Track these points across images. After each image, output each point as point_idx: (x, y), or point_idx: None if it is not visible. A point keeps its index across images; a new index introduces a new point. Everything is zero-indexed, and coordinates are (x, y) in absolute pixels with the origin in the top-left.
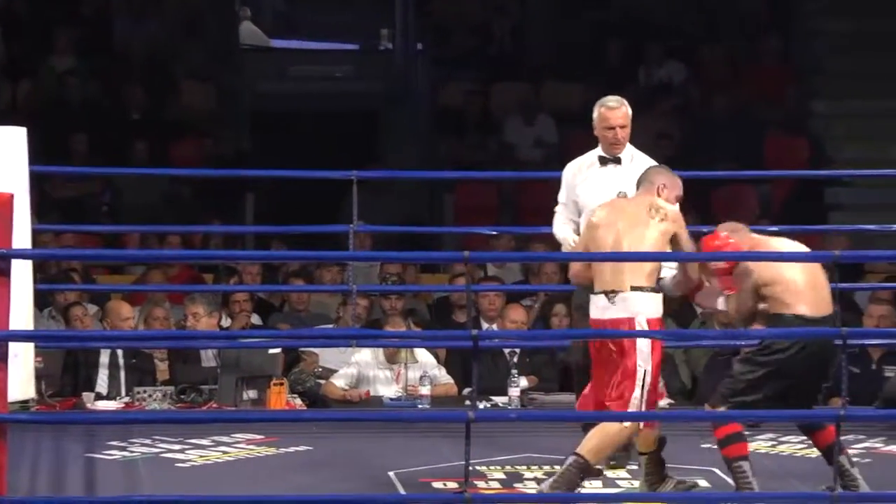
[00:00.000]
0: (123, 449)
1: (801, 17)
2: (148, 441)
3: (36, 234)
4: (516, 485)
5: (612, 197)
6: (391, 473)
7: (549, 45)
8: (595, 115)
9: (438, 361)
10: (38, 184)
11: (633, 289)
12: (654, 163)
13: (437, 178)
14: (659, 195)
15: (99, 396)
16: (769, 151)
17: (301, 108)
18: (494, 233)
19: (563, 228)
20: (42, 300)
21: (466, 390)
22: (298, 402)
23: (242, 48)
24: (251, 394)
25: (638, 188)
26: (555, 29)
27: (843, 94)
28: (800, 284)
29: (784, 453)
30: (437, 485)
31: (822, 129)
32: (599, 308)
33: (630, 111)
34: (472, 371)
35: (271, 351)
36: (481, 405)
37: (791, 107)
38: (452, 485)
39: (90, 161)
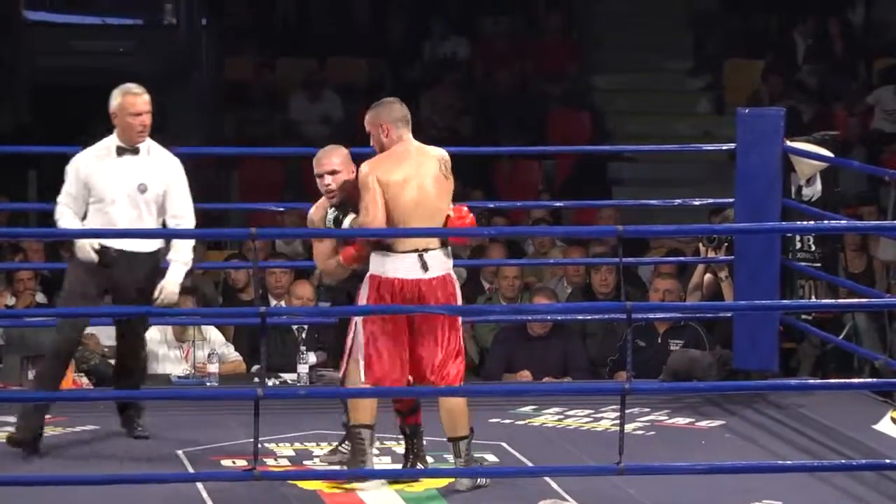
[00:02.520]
0: None
1: None
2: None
3: None
4: (305, 462)
5: (131, 188)
6: (180, 452)
7: (333, 19)
8: (117, 102)
9: (227, 339)
10: None
11: (440, 249)
12: (171, 155)
13: (223, 154)
14: None
15: None
16: (552, 126)
17: (84, 82)
18: (281, 209)
19: (74, 225)
20: None
21: (255, 367)
22: (85, 380)
23: (24, 23)
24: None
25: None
26: (339, 3)
27: (625, 68)
28: None
29: (570, 427)
30: (227, 462)
31: (604, 104)
32: (411, 269)
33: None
34: (260, 348)
35: None
36: (270, 382)
37: (573, 82)
38: (242, 462)
39: None
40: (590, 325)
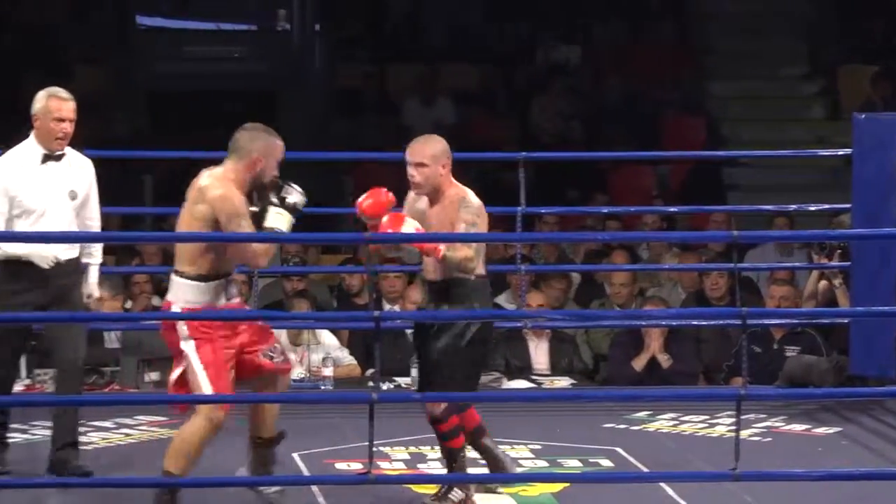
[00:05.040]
0: (25, 431)
1: None
2: (50, 423)
3: None
4: (420, 465)
5: (61, 196)
6: (295, 455)
7: (446, 25)
8: (40, 105)
9: (341, 343)
10: None
11: (175, 273)
12: (88, 162)
13: (336, 159)
14: (254, 169)
15: None
16: (666, 132)
17: (198, 88)
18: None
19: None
20: None
21: (369, 371)
22: None
23: (138, 29)
24: (153, 375)
25: (229, 153)
26: (451, 9)
27: (739, 75)
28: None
29: (685, 433)
30: (341, 465)
31: (719, 110)
32: None
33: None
34: (374, 352)
35: None
36: (384, 386)
37: (687, 88)
38: (356, 465)
39: None
40: (704, 331)
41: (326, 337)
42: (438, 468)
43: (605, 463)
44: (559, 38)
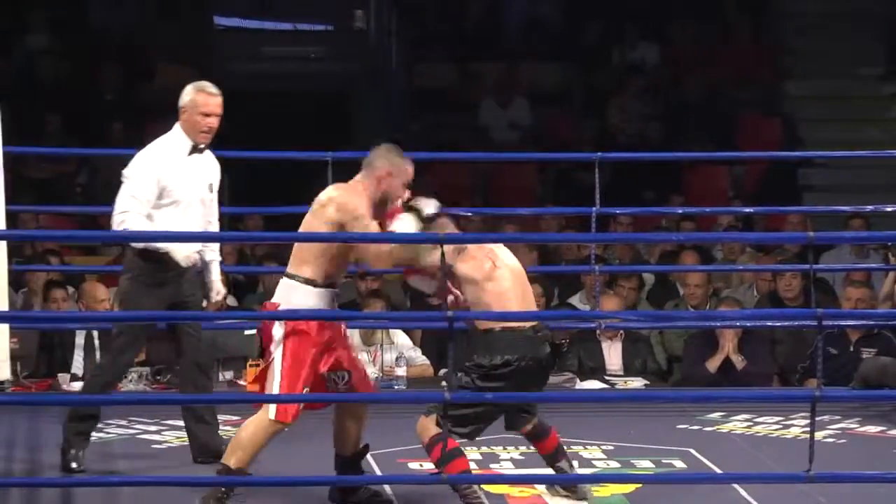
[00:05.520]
0: (99, 430)
1: None
2: (123, 422)
3: (10, 214)
4: (492, 465)
5: (203, 188)
6: (368, 454)
7: (523, 25)
8: (189, 98)
9: (414, 343)
10: (12, 164)
11: (286, 276)
12: (214, 158)
13: (414, 159)
14: (380, 184)
15: (74, 377)
16: (742, 133)
17: (275, 88)
18: (469, 213)
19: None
20: (17, 281)
21: (442, 371)
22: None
23: (215, 29)
24: (227, 374)
25: (362, 168)
26: (528, 9)
27: (816, 74)
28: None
29: (759, 434)
30: (414, 465)
31: (795, 110)
32: None
33: None
34: (447, 352)
35: (247, 332)
36: None
37: (763, 88)
38: (429, 465)
39: (64, 141)
40: (778, 332)
41: (400, 337)
42: (511, 468)
43: (678, 464)
44: (637, 37)
